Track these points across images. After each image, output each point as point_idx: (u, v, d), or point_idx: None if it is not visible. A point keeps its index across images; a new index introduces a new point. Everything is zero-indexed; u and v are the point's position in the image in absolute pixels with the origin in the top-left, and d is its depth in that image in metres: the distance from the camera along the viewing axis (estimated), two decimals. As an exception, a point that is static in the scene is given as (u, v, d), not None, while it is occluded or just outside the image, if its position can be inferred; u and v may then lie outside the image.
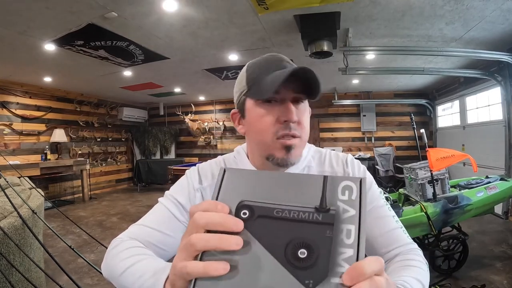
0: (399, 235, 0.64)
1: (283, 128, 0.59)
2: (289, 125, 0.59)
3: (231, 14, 2.72)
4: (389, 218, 0.66)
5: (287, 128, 0.59)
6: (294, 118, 0.58)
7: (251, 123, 0.63)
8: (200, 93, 6.78)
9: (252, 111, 0.63)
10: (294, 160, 0.62)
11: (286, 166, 0.63)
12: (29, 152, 5.24)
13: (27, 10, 2.49)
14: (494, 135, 4.14)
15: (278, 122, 0.60)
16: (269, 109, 0.60)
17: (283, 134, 0.59)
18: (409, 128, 4.96)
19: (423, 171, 2.44)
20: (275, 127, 0.60)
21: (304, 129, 0.62)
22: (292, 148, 0.60)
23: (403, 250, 0.62)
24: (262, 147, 0.63)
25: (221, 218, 0.30)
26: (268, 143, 0.61)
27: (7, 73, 4.44)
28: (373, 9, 2.66)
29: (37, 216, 1.81)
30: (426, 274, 0.55)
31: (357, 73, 3.94)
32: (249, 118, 0.64)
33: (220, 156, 0.78)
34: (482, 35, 3.22)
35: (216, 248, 0.29)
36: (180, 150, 8.06)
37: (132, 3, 2.47)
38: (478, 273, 2.39)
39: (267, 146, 0.62)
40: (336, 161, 0.71)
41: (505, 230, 3.48)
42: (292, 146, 0.60)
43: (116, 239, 0.61)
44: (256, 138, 0.64)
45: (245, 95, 0.64)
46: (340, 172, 0.69)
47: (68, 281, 1.50)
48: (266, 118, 0.60)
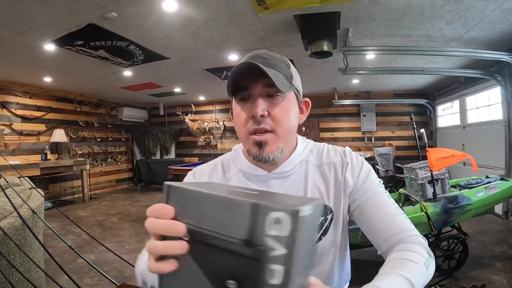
0: (400, 221, 0.64)
1: (253, 124, 0.61)
2: (257, 120, 0.60)
3: (231, 14, 2.72)
4: (389, 204, 0.66)
5: (257, 123, 0.61)
6: (259, 112, 0.59)
7: (234, 120, 0.68)
8: (200, 93, 6.77)
9: (234, 109, 0.67)
10: (268, 156, 0.62)
11: (263, 161, 0.64)
12: (29, 152, 5.24)
13: (27, 10, 2.49)
14: (494, 135, 4.14)
15: (249, 118, 0.62)
16: (243, 106, 0.63)
17: (253, 129, 0.61)
18: (409, 128, 4.96)
19: (423, 171, 2.44)
20: (247, 123, 0.62)
21: (279, 123, 0.61)
22: (264, 144, 0.61)
23: (404, 237, 0.61)
24: (243, 143, 0.68)
25: (166, 226, 0.33)
26: (244, 139, 0.65)
27: (7, 73, 4.44)
28: (373, 9, 2.66)
29: (37, 216, 1.80)
30: (420, 269, 0.54)
31: (357, 73, 3.94)
32: (233, 116, 0.68)
33: (220, 157, 0.79)
34: (482, 35, 3.22)
35: (164, 253, 0.33)
36: (180, 150, 8.06)
37: (132, 3, 2.47)
38: (478, 273, 2.39)
39: (244, 142, 0.65)
40: (334, 153, 0.72)
41: (505, 230, 3.48)
42: (263, 142, 0.61)
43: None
44: (238, 134, 0.67)
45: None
46: (339, 163, 0.70)
47: (68, 281, 1.50)
48: (240, 115, 0.63)
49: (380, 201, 0.66)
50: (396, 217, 0.64)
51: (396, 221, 0.64)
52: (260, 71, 0.56)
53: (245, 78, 0.60)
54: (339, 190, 0.68)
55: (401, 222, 0.64)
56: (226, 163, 0.76)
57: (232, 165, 0.75)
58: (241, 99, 0.63)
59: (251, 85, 0.61)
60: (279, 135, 0.62)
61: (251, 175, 0.71)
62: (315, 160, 0.72)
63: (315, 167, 0.71)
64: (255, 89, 0.61)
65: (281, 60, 0.65)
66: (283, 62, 0.65)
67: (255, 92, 0.61)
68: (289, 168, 0.69)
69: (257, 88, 0.61)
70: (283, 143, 0.64)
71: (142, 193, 6.73)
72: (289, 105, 0.63)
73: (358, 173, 0.69)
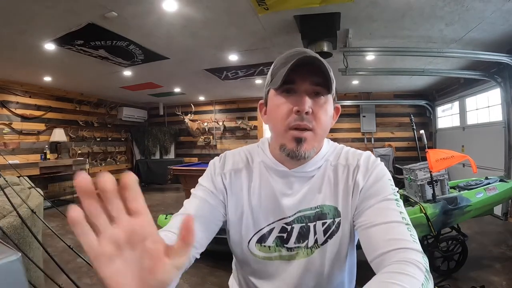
0: (400, 231, 0.55)
1: (295, 119, 0.61)
2: (302, 116, 0.60)
3: (231, 14, 2.73)
4: (394, 212, 0.59)
5: (299, 119, 0.60)
6: (306, 109, 0.59)
7: (270, 112, 0.67)
8: (200, 93, 6.77)
9: (272, 100, 0.66)
10: (305, 153, 0.62)
11: (296, 158, 0.63)
12: (28, 152, 5.23)
13: (27, 10, 2.49)
14: (493, 136, 4.14)
15: (291, 112, 0.61)
16: (285, 99, 0.62)
17: (295, 125, 0.61)
18: (409, 129, 4.96)
19: (422, 172, 2.44)
20: (288, 117, 0.61)
21: (319, 123, 0.62)
22: (303, 141, 0.61)
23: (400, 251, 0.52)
24: (277, 136, 0.67)
25: None
26: (281, 133, 0.63)
27: (7, 72, 4.44)
28: (373, 10, 2.66)
29: (36, 215, 1.80)
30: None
31: (357, 73, 3.94)
32: (269, 107, 0.67)
33: (247, 146, 0.80)
34: (482, 36, 3.22)
35: None
36: (180, 150, 8.06)
37: (132, 3, 2.47)
38: (478, 274, 2.39)
39: (281, 136, 0.64)
40: (352, 156, 0.72)
41: (504, 231, 3.49)
42: (303, 138, 0.61)
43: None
44: (273, 127, 0.67)
45: (268, 86, 0.67)
46: (352, 165, 0.70)
47: (67, 280, 1.50)
48: (281, 107, 0.62)
49: (385, 207, 0.60)
50: (395, 225, 0.56)
51: (394, 228, 0.56)
52: (317, 68, 0.58)
53: (294, 72, 0.59)
54: (348, 193, 0.67)
55: (401, 233, 0.55)
56: (252, 153, 0.76)
57: (256, 156, 0.75)
58: (284, 91, 0.63)
59: (299, 80, 0.61)
60: (317, 134, 0.63)
61: (272, 169, 0.71)
62: (334, 160, 0.72)
63: (332, 168, 0.71)
64: (303, 85, 0.61)
65: (326, 62, 0.64)
66: (328, 65, 0.64)
67: (302, 87, 0.61)
68: (311, 169, 0.69)
69: (305, 84, 0.61)
70: (318, 143, 0.66)
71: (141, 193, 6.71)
72: (329, 107, 0.64)
73: (369, 175, 0.66)
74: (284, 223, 0.69)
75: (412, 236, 0.55)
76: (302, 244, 0.69)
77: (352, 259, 0.75)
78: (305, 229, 0.68)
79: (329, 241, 0.68)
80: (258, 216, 0.70)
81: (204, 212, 0.67)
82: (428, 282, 0.47)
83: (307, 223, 0.68)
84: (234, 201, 0.71)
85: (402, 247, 0.52)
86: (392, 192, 0.63)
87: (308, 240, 0.69)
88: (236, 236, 0.72)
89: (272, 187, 0.70)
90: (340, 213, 0.68)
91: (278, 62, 0.66)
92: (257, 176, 0.72)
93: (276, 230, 0.69)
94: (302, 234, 0.68)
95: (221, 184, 0.71)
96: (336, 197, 0.68)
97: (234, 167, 0.73)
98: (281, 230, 0.69)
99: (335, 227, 0.68)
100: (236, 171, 0.73)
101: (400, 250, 0.52)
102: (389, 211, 0.59)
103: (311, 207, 0.68)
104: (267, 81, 0.68)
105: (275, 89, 0.64)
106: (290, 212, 0.68)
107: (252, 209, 0.70)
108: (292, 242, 0.69)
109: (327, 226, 0.68)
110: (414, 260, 0.49)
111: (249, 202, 0.70)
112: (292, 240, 0.69)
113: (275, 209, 0.69)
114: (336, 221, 0.68)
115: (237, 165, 0.74)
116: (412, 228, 0.57)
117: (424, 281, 0.46)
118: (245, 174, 0.73)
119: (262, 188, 0.70)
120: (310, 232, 0.68)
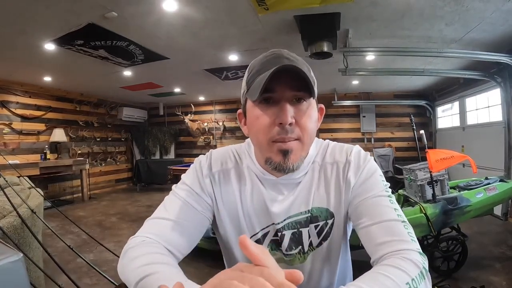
0: (397, 229, 0.55)
1: (278, 132, 0.56)
2: (285, 128, 0.56)
3: (231, 14, 2.73)
4: (389, 209, 0.59)
5: (283, 132, 0.56)
6: (289, 121, 0.55)
7: (250, 124, 0.62)
8: (200, 93, 6.78)
9: (250, 111, 0.61)
10: (293, 165, 0.59)
11: (285, 171, 0.60)
12: (28, 152, 5.23)
13: (27, 10, 2.49)
14: (493, 136, 4.15)
15: (273, 124, 0.56)
16: (265, 110, 0.57)
17: (279, 138, 0.57)
18: (409, 129, 4.96)
19: (422, 172, 2.44)
20: (270, 129, 0.57)
21: (305, 130, 0.58)
22: (289, 152, 0.57)
23: (396, 249, 0.53)
24: (260, 149, 0.62)
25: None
26: (265, 146, 0.59)
27: (7, 72, 4.44)
28: (373, 10, 2.66)
29: (36, 215, 1.80)
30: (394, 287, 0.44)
31: (357, 74, 3.94)
32: (248, 118, 0.62)
33: (233, 145, 0.76)
34: (482, 37, 3.22)
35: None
36: (180, 150, 8.06)
37: (132, 3, 2.47)
38: (477, 274, 2.39)
39: (265, 149, 0.60)
40: (339, 152, 0.69)
41: (504, 231, 3.49)
42: (289, 150, 0.57)
43: (133, 237, 0.61)
44: (254, 139, 0.63)
45: (245, 96, 0.62)
46: (342, 162, 0.67)
47: (67, 280, 1.50)
48: (261, 119, 0.57)
49: (379, 204, 0.59)
50: (393, 224, 0.56)
51: (391, 228, 0.56)
52: (296, 75, 0.53)
53: (272, 79, 0.54)
54: (340, 192, 0.65)
55: (397, 231, 0.55)
56: (240, 154, 0.72)
57: (244, 158, 0.71)
58: (263, 100, 0.57)
59: (279, 88, 0.56)
60: (304, 143, 0.59)
61: (261, 178, 0.68)
62: (320, 160, 0.69)
63: (319, 168, 0.68)
64: (283, 92, 0.56)
65: (304, 63, 0.60)
66: (306, 65, 0.60)
67: (283, 96, 0.56)
68: (299, 175, 0.66)
69: (285, 92, 0.56)
70: (305, 152, 0.61)
71: (141, 193, 6.72)
72: (312, 112, 0.60)
73: (361, 171, 0.64)
74: (275, 229, 0.67)
75: (409, 234, 0.55)
76: (295, 251, 0.68)
77: (346, 258, 0.74)
78: (297, 234, 0.67)
79: (323, 243, 0.68)
80: (252, 220, 0.68)
81: (187, 217, 0.63)
82: (422, 279, 0.48)
83: (298, 228, 0.67)
84: (226, 204, 0.68)
85: (402, 248, 0.53)
86: (384, 188, 0.62)
87: (302, 246, 0.68)
88: (231, 239, 0.70)
89: (262, 193, 0.67)
90: (333, 213, 0.66)
91: (253, 68, 0.60)
92: (248, 179, 0.69)
93: (270, 234, 0.68)
94: (294, 240, 0.67)
95: (210, 187, 0.68)
96: (327, 198, 0.66)
97: (223, 167, 0.70)
98: (275, 235, 0.68)
99: (328, 229, 0.67)
100: (225, 171, 0.70)
101: (400, 252, 0.52)
102: (384, 209, 0.59)
103: (301, 211, 0.66)
104: (243, 90, 0.63)
105: (253, 101, 0.59)
106: (279, 218, 0.66)
107: (245, 213, 0.68)
108: (285, 247, 0.67)
109: (320, 228, 0.67)
110: (412, 258, 0.50)
111: (242, 206, 0.68)
112: (285, 245, 0.67)
113: (265, 216, 0.67)
114: (328, 223, 0.67)
115: (226, 165, 0.70)
116: (408, 225, 0.57)
117: (416, 277, 0.47)
118: (235, 175, 0.70)
119: (254, 194, 0.68)
120: (303, 237, 0.67)
